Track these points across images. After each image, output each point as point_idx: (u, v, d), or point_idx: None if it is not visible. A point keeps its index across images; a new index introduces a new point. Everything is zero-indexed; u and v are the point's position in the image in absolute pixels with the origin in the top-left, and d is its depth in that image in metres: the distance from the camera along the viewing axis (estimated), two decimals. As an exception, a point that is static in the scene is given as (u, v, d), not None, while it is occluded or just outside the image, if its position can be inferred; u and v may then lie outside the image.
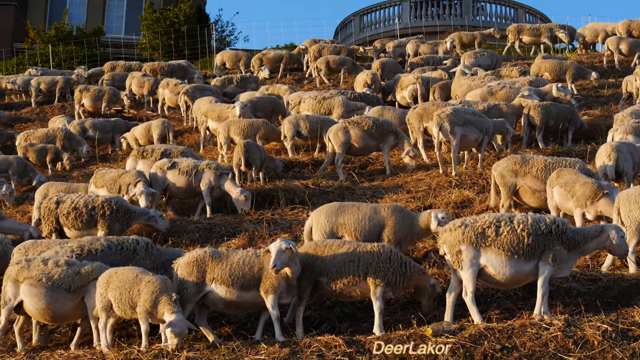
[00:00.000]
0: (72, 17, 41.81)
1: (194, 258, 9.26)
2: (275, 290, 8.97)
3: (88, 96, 23.14)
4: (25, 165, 16.84)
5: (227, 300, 9.13)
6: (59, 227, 12.26)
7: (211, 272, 9.13)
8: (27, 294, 9.37)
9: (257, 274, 9.06)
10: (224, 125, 16.77)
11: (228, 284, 9.05)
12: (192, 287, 9.14)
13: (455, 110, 14.49)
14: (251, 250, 9.35)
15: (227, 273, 9.07)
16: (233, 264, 9.12)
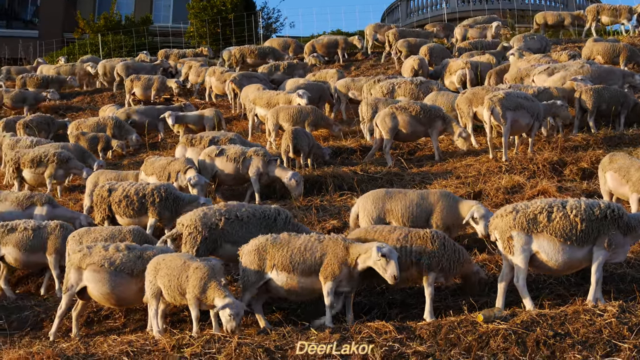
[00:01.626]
0: (120, 7, 42.23)
1: (256, 246, 9.24)
2: (335, 277, 8.87)
3: (139, 85, 23.35)
4: (84, 152, 17.03)
5: (288, 287, 9.08)
6: (111, 215, 12.40)
7: (272, 259, 9.08)
8: (91, 280, 9.53)
9: (318, 260, 8.96)
10: (272, 112, 16.78)
11: (289, 270, 9.00)
12: (253, 275, 9.14)
13: (507, 94, 14.30)
14: (314, 236, 9.26)
15: (288, 259, 9.00)
16: (294, 250, 9.04)
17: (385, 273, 8.57)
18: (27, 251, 11.34)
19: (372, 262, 8.66)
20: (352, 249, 8.89)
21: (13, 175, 16.21)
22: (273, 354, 8.11)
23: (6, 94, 24.15)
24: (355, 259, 8.84)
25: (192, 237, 10.24)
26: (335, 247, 8.93)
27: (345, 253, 8.87)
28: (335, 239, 9.07)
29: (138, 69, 26.26)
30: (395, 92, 17.82)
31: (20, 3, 48.53)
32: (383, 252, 8.57)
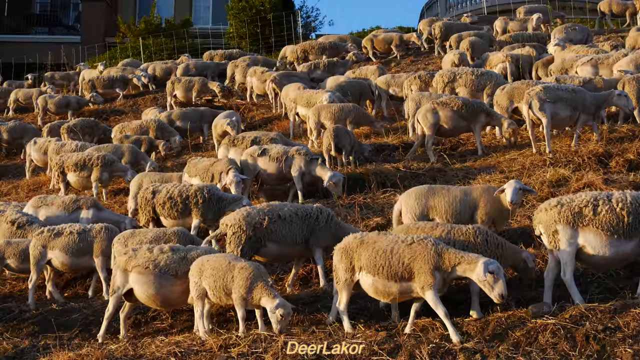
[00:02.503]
0: (160, 10, 42.54)
1: (344, 244, 8.93)
2: (432, 286, 8.21)
3: (180, 87, 23.49)
4: (137, 153, 17.22)
5: (374, 290, 8.62)
6: (155, 217, 12.48)
7: (358, 259, 8.67)
8: (136, 282, 9.61)
9: (407, 266, 8.34)
10: (314, 111, 16.78)
11: (374, 274, 8.50)
12: (342, 275, 8.81)
13: (546, 87, 14.14)
14: (401, 237, 8.64)
15: (372, 262, 8.50)
16: (379, 251, 8.53)
17: (492, 292, 7.95)
18: (73, 255, 11.46)
19: (477, 277, 8.05)
20: (448, 255, 8.24)
21: (59, 180, 16.42)
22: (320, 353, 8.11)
23: (50, 99, 24.46)
24: (453, 266, 8.23)
25: (237, 237, 10.26)
26: (424, 253, 8.32)
27: (436, 259, 8.24)
28: (424, 243, 8.40)
29: (202, 69, 26.57)
30: (456, 82, 17.60)
31: (62, 9, 49.14)
32: (491, 269, 7.95)
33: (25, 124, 22.87)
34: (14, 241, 12.28)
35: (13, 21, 46.79)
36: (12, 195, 18.18)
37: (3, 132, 21.46)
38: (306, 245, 10.42)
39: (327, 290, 10.27)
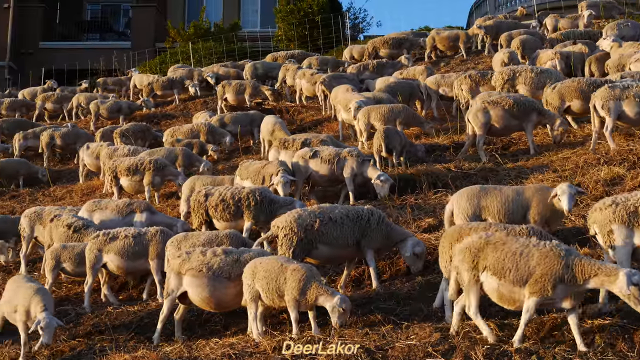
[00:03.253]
0: (209, 14, 42.83)
1: (468, 244, 8.40)
2: (543, 295, 7.76)
3: (230, 90, 23.61)
4: (190, 155, 17.38)
5: (500, 295, 8.11)
6: (208, 219, 12.56)
7: (484, 259, 8.15)
8: (190, 285, 9.68)
9: (532, 269, 7.86)
10: (363, 112, 16.76)
11: (500, 276, 8.00)
12: (466, 275, 8.31)
13: (612, 85, 13.90)
14: (533, 240, 8.16)
15: (500, 264, 8.00)
16: (508, 253, 8.02)
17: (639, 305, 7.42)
18: (129, 258, 11.58)
19: (619, 291, 7.44)
20: (582, 267, 7.63)
21: (112, 184, 16.62)
22: (373, 354, 8.10)
23: (102, 104, 24.77)
24: (586, 278, 7.62)
25: (288, 239, 10.29)
26: (551, 262, 7.76)
27: (563, 271, 7.67)
28: (555, 250, 7.86)
29: (268, 70, 26.83)
30: (516, 79, 17.39)
31: (112, 15, 49.75)
32: (635, 280, 7.30)
33: (79, 129, 23.17)
34: (69, 245, 12.46)
35: (65, 28, 47.47)
36: (66, 200, 18.45)
37: (57, 137, 21.77)
38: (357, 247, 10.40)
39: (379, 292, 10.25)
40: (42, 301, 9.85)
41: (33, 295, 9.96)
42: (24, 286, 10.34)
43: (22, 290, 10.23)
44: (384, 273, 10.99)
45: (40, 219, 13.84)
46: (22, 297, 10.09)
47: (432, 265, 10.50)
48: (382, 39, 27.27)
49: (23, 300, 10.02)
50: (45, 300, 9.92)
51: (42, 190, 19.86)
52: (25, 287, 10.27)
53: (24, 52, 44.43)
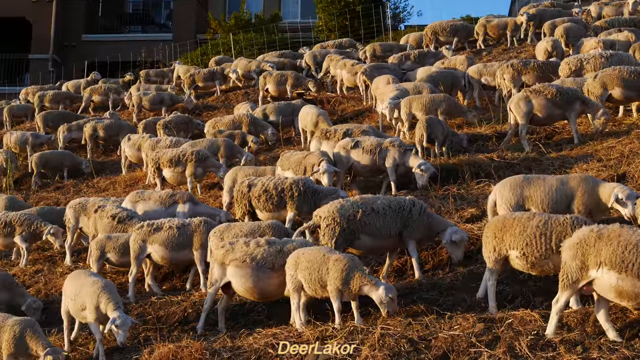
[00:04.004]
0: (250, 6, 42.92)
1: (579, 238, 7.88)
2: None
3: (272, 81, 23.64)
4: (232, 146, 17.46)
5: (619, 291, 7.53)
6: (251, 210, 12.59)
7: (597, 255, 7.65)
8: (234, 275, 9.74)
9: None
10: (405, 102, 16.69)
11: (619, 271, 7.48)
12: (575, 273, 7.88)
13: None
14: None
15: (620, 257, 7.47)
16: (628, 245, 7.47)
17: None
18: (173, 249, 11.66)
19: None
20: None
21: (154, 175, 16.74)
22: (417, 344, 8.10)
23: (144, 96, 24.94)
24: None
25: (330, 229, 10.29)
26: None
27: None
28: None
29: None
30: (584, 68, 17.06)
31: (154, 7, 50.07)
32: None
33: (121, 120, 23.39)
34: (114, 236, 12.58)
35: (107, 21, 47.91)
36: (109, 191, 18.64)
37: (99, 129, 21.98)
38: (400, 237, 10.38)
39: (422, 282, 10.23)
40: (112, 298, 9.64)
41: (101, 292, 9.73)
42: (89, 282, 10.02)
43: (87, 286, 9.94)
44: (427, 263, 10.96)
45: (84, 210, 14.00)
46: (88, 293, 9.83)
47: (475, 256, 10.45)
48: (440, 24, 27.02)
49: (90, 297, 9.77)
50: (115, 297, 9.72)
51: (86, 182, 20.09)
52: (91, 283, 9.96)
53: (67, 45, 44.93)
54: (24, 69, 45.01)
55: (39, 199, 19.10)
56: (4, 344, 9.34)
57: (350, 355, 8.18)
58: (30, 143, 22.58)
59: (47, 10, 44.50)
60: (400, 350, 8.02)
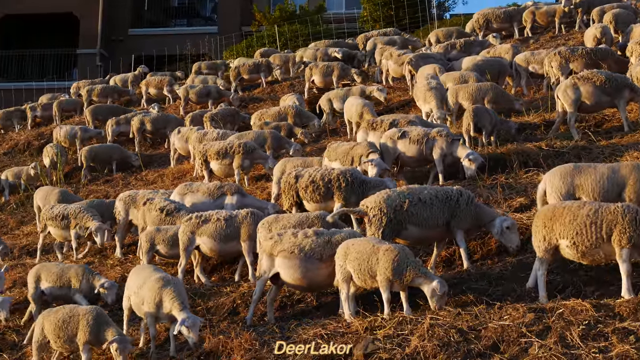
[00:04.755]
0: (294, -3, 42.96)
1: None
2: None
3: (318, 72, 23.60)
4: (279, 138, 17.52)
5: None
6: (298, 201, 12.61)
7: None
8: (282, 266, 9.78)
9: None
10: (451, 91, 16.59)
11: None
12: None
13: None
14: None
15: None
16: None
17: None
18: (221, 240, 11.73)
19: None
20: None
21: (202, 168, 16.83)
22: (466, 334, 8.07)
23: (191, 89, 25.09)
24: None
25: (377, 219, 10.28)
26: None
27: None
28: None
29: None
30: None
31: (199, 1, 50.32)
32: None
33: (168, 114, 23.57)
34: (163, 228, 12.70)
35: (153, 15, 48.26)
36: (158, 184, 18.81)
37: (147, 122, 22.17)
38: (447, 227, 10.35)
39: (471, 272, 10.19)
40: (178, 297, 9.48)
41: (165, 289, 9.61)
42: (154, 277, 9.88)
43: (151, 282, 9.81)
44: (475, 253, 10.90)
45: (134, 203, 14.16)
46: (152, 288, 9.71)
47: (524, 245, 10.36)
48: (493, 11, 26.71)
49: (152, 293, 9.66)
50: (180, 296, 9.55)
51: (135, 175, 20.31)
52: (155, 279, 9.82)
53: (114, 40, 45.36)
54: (72, 64, 45.55)
55: (89, 192, 19.36)
56: (80, 333, 9.46)
57: (399, 346, 8.18)
58: (79, 137, 22.87)
59: (94, 5, 44.94)
60: (450, 341, 8.00)
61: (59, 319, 9.63)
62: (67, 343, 9.58)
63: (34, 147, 25.57)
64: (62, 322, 9.59)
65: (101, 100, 27.50)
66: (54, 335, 9.62)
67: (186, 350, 9.53)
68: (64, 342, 9.59)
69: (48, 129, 26.53)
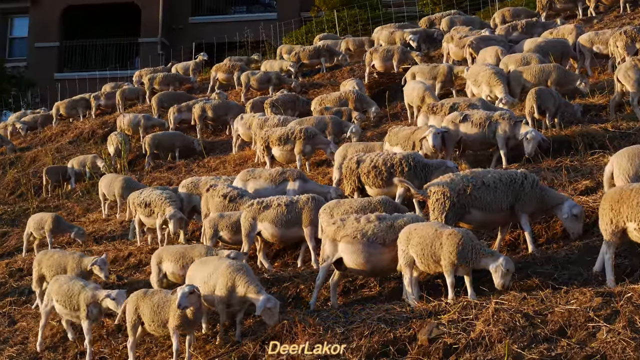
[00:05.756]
0: (353, -19, 42.72)
1: None
2: None
3: (378, 57, 23.46)
4: (340, 122, 17.50)
5: None
6: (360, 186, 12.58)
7: None
8: (345, 252, 9.77)
9: None
10: (514, 74, 16.37)
11: None
12: None
13: None
14: None
15: None
16: None
17: None
18: (282, 226, 11.76)
19: None
20: None
21: (264, 154, 16.89)
22: (532, 319, 7.99)
23: (252, 76, 25.18)
24: None
25: (440, 203, 10.22)
26: None
27: None
28: None
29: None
30: None
31: (258, -13, 50.42)
32: None
33: (229, 101, 23.67)
34: (226, 214, 12.77)
35: (213, 2, 48.48)
36: (220, 170, 18.93)
37: (208, 110, 22.30)
38: (511, 211, 10.23)
39: (536, 256, 10.07)
40: (252, 281, 9.43)
41: (238, 274, 9.55)
42: (224, 264, 9.79)
43: (222, 268, 9.71)
44: (540, 237, 10.77)
45: (197, 189, 14.28)
46: (223, 274, 9.62)
47: (591, 229, 10.21)
48: None
49: (224, 278, 9.57)
50: (254, 279, 9.53)
51: (197, 162, 20.47)
52: (226, 265, 9.72)
53: (174, 28, 45.73)
54: (134, 52, 46.07)
55: (152, 180, 19.58)
56: (171, 319, 9.37)
57: (464, 330, 8.13)
58: (142, 125, 23.15)
59: (155, -6, 45.42)
60: (516, 325, 7.93)
61: (155, 303, 9.64)
62: (160, 327, 9.57)
63: (98, 135, 25.95)
64: (157, 306, 9.60)
65: (163, 88, 27.71)
66: (148, 318, 9.64)
67: (250, 336, 9.58)
68: (157, 327, 9.57)
69: (112, 118, 26.91)
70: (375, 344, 8.37)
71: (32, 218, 16.06)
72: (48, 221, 15.39)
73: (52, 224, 15.31)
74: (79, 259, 12.15)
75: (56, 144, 26.64)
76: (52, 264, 12.36)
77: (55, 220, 15.42)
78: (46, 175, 21.78)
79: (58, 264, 12.27)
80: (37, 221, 15.67)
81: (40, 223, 15.52)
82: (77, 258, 12.19)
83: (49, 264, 12.38)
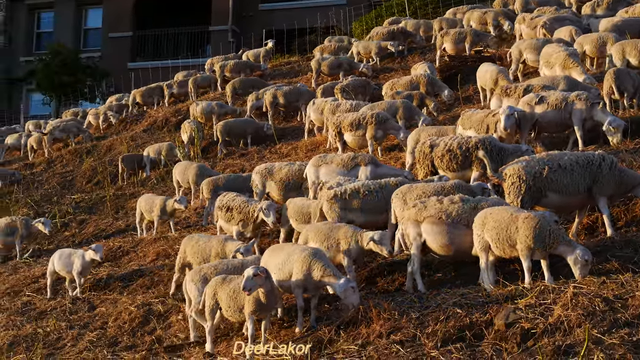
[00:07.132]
0: (425, -39, 42.34)
1: None
2: None
3: (449, 40, 23.22)
4: (411, 108, 17.40)
5: None
6: (434, 170, 12.49)
7: None
8: (429, 232, 9.71)
9: None
10: (617, 47, 16.04)
11: None
12: None
13: None
14: None
15: None
16: None
17: None
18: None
19: None
20: None
21: (336, 139, 16.89)
22: (612, 303, 7.83)
23: (323, 61, 25.18)
24: None
25: (516, 187, 10.12)
26: None
27: None
28: None
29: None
30: None
31: (328, -27, 50.33)
32: None
33: (300, 87, 23.72)
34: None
35: (283, -12, 48.68)
36: (291, 156, 19.00)
37: (279, 96, 22.39)
38: (589, 194, 10.06)
39: (615, 240, 9.87)
40: (328, 266, 9.34)
41: (314, 259, 9.44)
42: (299, 249, 9.76)
43: (297, 254, 9.65)
44: (619, 220, 10.56)
45: (271, 175, 14.36)
46: (298, 260, 9.55)
47: (672, 211, 9.99)
48: None
49: (300, 263, 9.49)
50: (330, 264, 9.44)
51: (269, 148, 20.57)
52: (301, 250, 9.70)
53: (244, 15, 46.05)
54: (205, 41, 46.51)
55: (225, 166, 19.75)
56: (247, 304, 9.50)
57: (542, 315, 8.02)
58: (215, 112, 23.39)
59: (225, -18, 45.74)
60: (595, 310, 7.79)
61: (231, 288, 9.69)
62: (237, 313, 9.60)
63: (171, 123, 26.31)
64: (233, 292, 9.64)
65: (234, 76, 27.90)
66: (225, 304, 9.70)
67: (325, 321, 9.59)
68: (234, 312, 9.61)
69: (185, 106, 27.22)
70: (451, 328, 8.29)
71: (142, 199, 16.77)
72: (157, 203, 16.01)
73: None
74: (224, 243, 11.68)
75: (131, 132, 27.06)
76: (197, 250, 11.91)
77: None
78: (122, 164, 22.18)
79: (203, 249, 11.84)
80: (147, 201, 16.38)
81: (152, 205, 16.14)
82: (221, 241, 11.75)
83: (194, 251, 11.94)
